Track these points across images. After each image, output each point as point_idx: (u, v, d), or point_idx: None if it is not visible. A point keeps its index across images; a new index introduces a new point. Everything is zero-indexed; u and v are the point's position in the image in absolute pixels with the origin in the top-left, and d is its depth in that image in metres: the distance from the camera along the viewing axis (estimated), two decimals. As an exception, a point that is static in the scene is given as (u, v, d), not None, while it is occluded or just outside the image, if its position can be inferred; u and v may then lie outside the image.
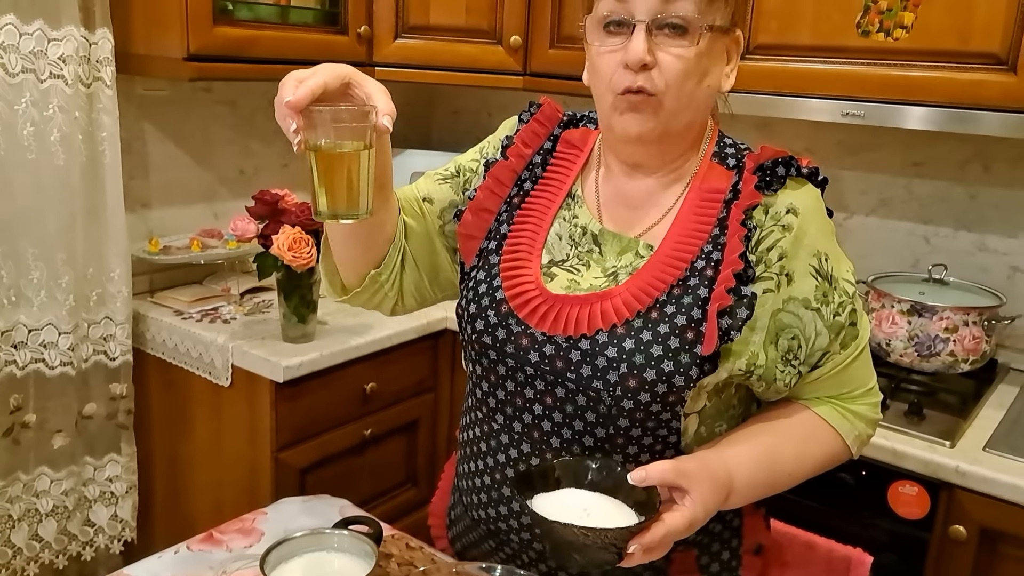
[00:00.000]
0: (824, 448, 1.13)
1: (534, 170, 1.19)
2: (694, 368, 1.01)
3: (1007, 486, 1.53)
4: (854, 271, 1.12)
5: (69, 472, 2.09)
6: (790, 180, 1.08)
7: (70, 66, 1.89)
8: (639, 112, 1.03)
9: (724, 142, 1.15)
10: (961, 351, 1.86)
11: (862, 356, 1.13)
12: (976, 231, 2.10)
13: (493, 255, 1.15)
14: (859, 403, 1.15)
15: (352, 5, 2.20)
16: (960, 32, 1.68)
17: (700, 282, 1.04)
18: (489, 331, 1.10)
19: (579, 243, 1.13)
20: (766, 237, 1.05)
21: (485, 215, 1.18)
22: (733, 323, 1.01)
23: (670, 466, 0.95)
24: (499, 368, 1.11)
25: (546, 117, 1.22)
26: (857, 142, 2.22)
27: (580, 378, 1.04)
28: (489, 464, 1.14)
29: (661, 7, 1.00)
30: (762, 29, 1.90)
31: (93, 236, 2.02)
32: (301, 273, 1.90)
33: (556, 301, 1.07)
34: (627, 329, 1.03)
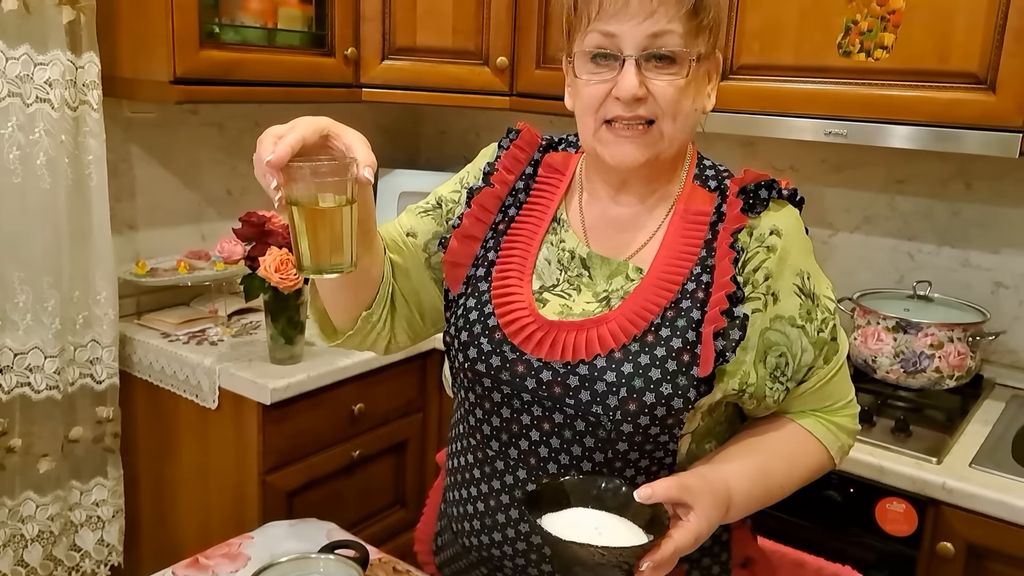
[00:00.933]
0: (811, 460, 1.16)
1: (517, 195, 1.20)
2: (692, 390, 1.02)
3: (994, 502, 1.53)
4: (833, 287, 1.15)
5: (55, 497, 2.07)
6: (772, 202, 1.10)
7: (56, 90, 1.89)
8: (635, 141, 1.05)
9: (704, 164, 1.17)
10: (946, 367, 1.87)
11: (841, 371, 1.16)
12: (959, 247, 2.12)
13: (482, 282, 1.15)
14: (840, 415, 1.17)
15: (339, 27, 2.21)
16: (939, 52, 1.70)
17: (692, 304, 1.05)
18: (483, 359, 1.10)
19: (568, 267, 1.14)
20: (752, 258, 1.07)
21: (471, 242, 1.18)
22: (727, 344, 1.03)
23: (674, 482, 0.96)
24: (494, 395, 1.10)
25: (525, 142, 1.22)
26: (840, 160, 2.24)
27: (579, 403, 1.04)
28: (483, 491, 1.14)
29: (649, 42, 1.02)
30: (745, 50, 1.92)
31: (79, 259, 2.01)
32: (288, 294, 1.90)
33: (551, 327, 1.08)
34: (624, 353, 1.04)
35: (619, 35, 1.02)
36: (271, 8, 2.10)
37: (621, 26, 1.02)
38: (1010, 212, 2.05)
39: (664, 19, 1.01)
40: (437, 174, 2.80)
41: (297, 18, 2.16)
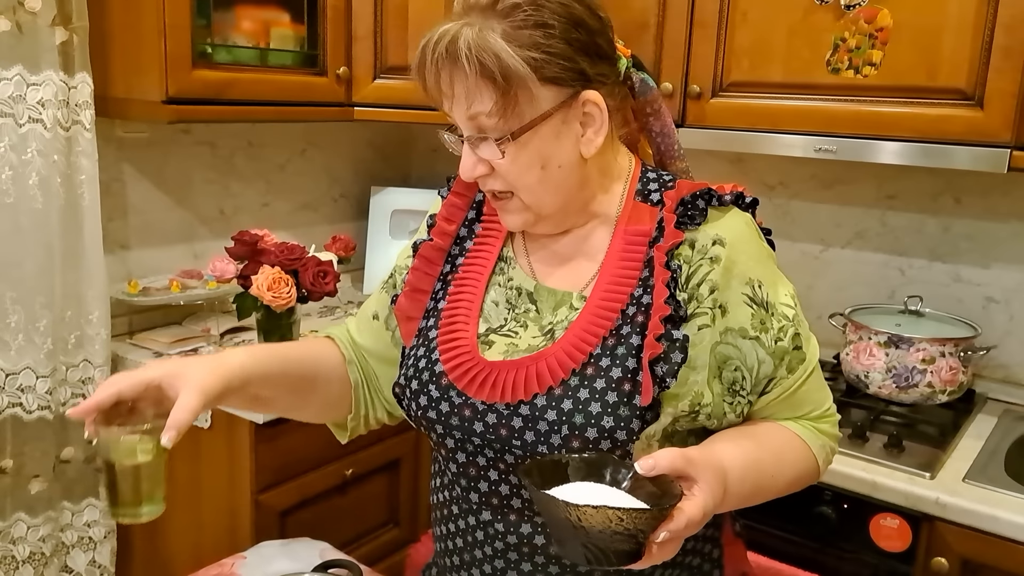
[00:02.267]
0: (798, 456, 1.12)
1: (463, 243, 1.19)
2: (635, 420, 0.99)
3: (987, 517, 1.53)
4: (795, 293, 1.11)
5: (47, 518, 2.06)
6: (714, 210, 1.06)
7: (49, 110, 1.89)
8: (507, 212, 1.08)
9: (647, 177, 1.13)
10: (939, 382, 1.88)
11: (812, 378, 1.12)
12: (950, 262, 2.13)
13: (431, 330, 1.14)
14: (821, 422, 1.15)
15: (331, 47, 2.22)
16: (927, 68, 1.72)
17: (632, 330, 1.03)
18: (432, 406, 1.09)
19: (516, 305, 1.12)
20: (695, 272, 1.04)
21: (420, 295, 1.18)
22: (668, 369, 1.00)
23: (679, 453, 0.91)
24: (447, 441, 1.10)
25: (463, 187, 1.20)
26: (831, 176, 2.25)
27: (525, 444, 1.02)
28: (460, 527, 1.13)
29: (471, 124, 1.02)
30: (734, 67, 1.93)
31: (71, 279, 2.01)
32: (281, 313, 1.90)
33: (493, 368, 1.06)
34: (564, 389, 1.02)
35: (451, 112, 1.04)
36: (263, 28, 2.11)
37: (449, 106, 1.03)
38: (1000, 227, 2.06)
39: (467, 102, 1.00)
40: (429, 192, 2.80)
41: (289, 38, 2.17)
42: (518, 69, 0.98)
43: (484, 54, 0.97)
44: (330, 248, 2.44)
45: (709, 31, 1.93)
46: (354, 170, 2.85)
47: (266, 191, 2.57)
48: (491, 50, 0.97)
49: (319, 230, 2.72)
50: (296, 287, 1.88)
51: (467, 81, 0.99)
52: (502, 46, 0.97)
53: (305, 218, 2.71)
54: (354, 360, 1.26)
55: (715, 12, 1.93)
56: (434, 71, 1.00)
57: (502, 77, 0.97)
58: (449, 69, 0.99)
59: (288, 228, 2.63)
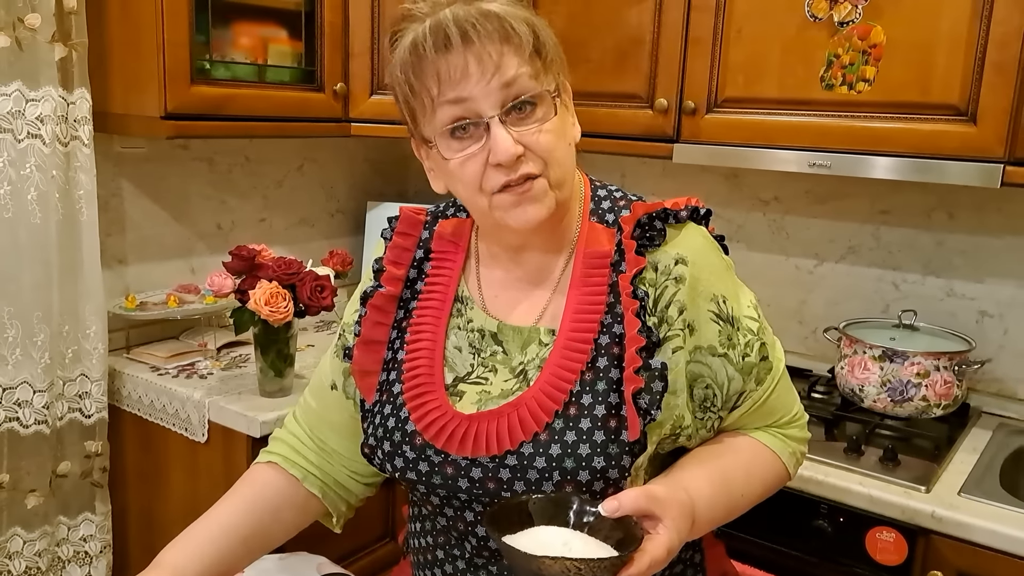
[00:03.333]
0: (767, 469, 1.13)
1: (413, 285, 1.13)
2: (625, 457, 0.98)
3: (983, 531, 1.53)
4: (755, 303, 1.11)
5: (42, 532, 2.06)
6: (671, 228, 1.05)
7: (48, 126, 1.90)
8: (532, 201, 0.99)
9: (598, 195, 1.11)
10: (933, 396, 1.88)
11: (780, 386, 1.12)
12: (944, 277, 2.14)
13: (395, 384, 1.09)
14: (789, 427, 1.16)
15: (328, 63, 2.24)
16: (920, 85, 1.73)
17: (609, 363, 1.01)
18: (411, 467, 1.04)
19: (481, 349, 1.08)
20: (662, 295, 1.02)
21: (375, 347, 1.12)
22: (651, 400, 0.99)
23: (641, 493, 0.91)
24: (432, 499, 1.06)
25: (408, 226, 1.15)
26: (825, 191, 2.26)
27: (515, 495, 0.99)
28: (448, 572, 1.11)
29: (504, 94, 0.97)
30: (729, 83, 1.95)
31: (69, 293, 2.01)
32: (278, 328, 1.90)
33: (470, 421, 1.02)
34: (550, 434, 0.98)
35: (472, 97, 0.96)
36: (261, 45, 2.13)
37: (471, 95, 0.96)
38: (993, 242, 2.07)
39: (511, 67, 0.96)
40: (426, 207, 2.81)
41: (287, 54, 2.18)
42: (549, 36, 1.01)
43: (528, 19, 0.99)
44: (327, 263, 2.44)
45: (704, 47, 1.95)
46: (351, 185, 2.86)
47: (263, 206, 2.58)
48: (530, 17, 1.00)
49: (316, 245, 2.73)
50: (294, 302, 1.88)
51: (512, 44, 0.96)
52: (531, 15, 1.00)
53: (302, 233, 2.72)
54: (308, 472, 1.21)
55: (710, 29, 1.94)
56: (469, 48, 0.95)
57: (544, 38, 1.00)
58: (495, 38, 0.96)
59: (285, 243, 2.63)
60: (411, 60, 0.98)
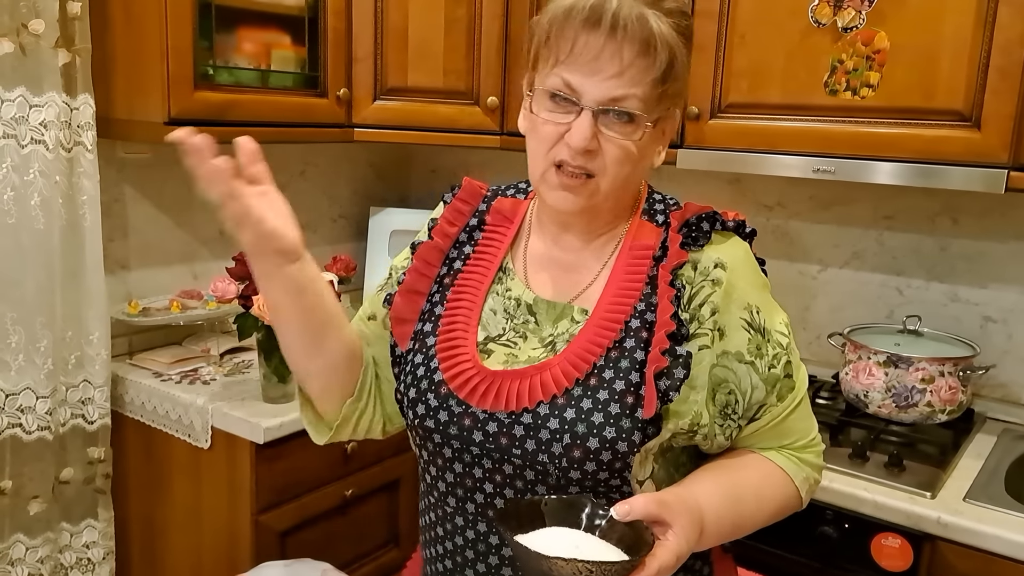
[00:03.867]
0: (778, 490, 1.12)
1: (462, 248, 1.19)
2: (636, 433, 1.00)
3: (988, 536, 1.53)
4: (788, 323, 1.12)
5: (45, 539, 2.05)
6: (716, 234, 1.09)
7: (51, 131, 1.90)
8: (573, 191, 1.04)
9: (653, 198, 1.15)
10: (938, 401, 1.88)
11: (800, 408, 1.13)
12: (948, 282, 2.14)
13: (429, 336, 1.13)
14: (805, 452, 1.15)
15: (331, 69, 2.24)
16: (924, 90, 1.73)
17: (636, 344, 1.04)
18: (431, 415, 1.08)
19: (515, 315, 1.12)
20: (697, 293, 1.05)
21: (415, 297, 1.17)
22: (671, 384, 1.01)
23: (653, 498, 0.93)
24: (445, 451, 1.09)
25: (468, 195, 1.22)
26: (828, 196, 2.26)
27: (525, 453, 1.02)
28: (449, 548, 1.12)
29: (610, 100, 1.01)
30: (733, 88, 1.95)
31: (72, 299, 2.01)
32: (281, 333, 1.90)
33: (495, 377, 1.06)
34: (567, 399, 1.02)
35: (584, 81, 1.01)
36: (264, 50, 2.13)
37: (585, 80, 1.00)
38: (997, 247, 2.07)
39: (629, 82, 1.00)
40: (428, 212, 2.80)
41: (290, 60, 2.18)
42: (683, 71, 1.04)
43: (674, 46, 1.01)
44: (330, 268, 2.44)
45: (708, 53, 1.95)
46: (353, 191, 2.86)
47: (266, 211, 2.57)
48: (676, 45, 1.01)
49: (318, 251, 2.72)
50: (297, 307, 1.88)
51: (646, 61, 1.00)
52: (679, 43, 1.02)
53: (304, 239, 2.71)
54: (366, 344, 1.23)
55: (713, 34, 1.95)
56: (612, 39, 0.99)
57: (676, 71, 1.02)
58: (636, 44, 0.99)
59: (288, 248, 2.63)
60: (560, 17, 1.02)
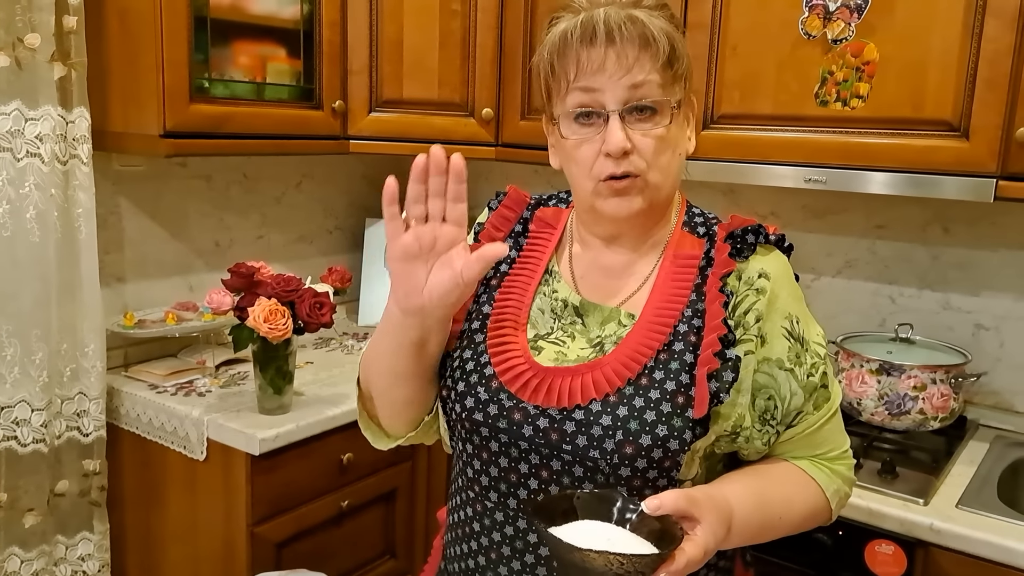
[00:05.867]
0: (808, 498, 1.14)
1: (508, 252, 1.22)
2: (687, 432, 1.03)
3: (981, 543, 1.54)
4: (824, 336, 1.16)
5: (40, 552, 2.05)
6: (760, 247, 1.13)
7: (47, 144, 1.91)
8: (626, 195, 1.08)
9: (692, 211, 1.20)
10: (930, 409, 1.89)
11: (834, 419, 1.16)
12: (940, 290, 2.15)
13: (477, 334, 1.16)
14: (837, 463, 1.17)
15: (327, 81, 2.25)
16: (913, 101, 1.74)
17: (685, 347, 1.07)
18: (480, 408, 1.10)
19: (562, 316, 1.16)
20: (742, 302, 1.09)
21: None
22: (721, 386, 1.04)
23: (682, 494, 0.95)
24: (491, 445, 1.10)
25: (513, 202, 1.26)
26: (821, 206, 2.28)
27: (576, 448, 1.04)
28: (483, 544, 1.13)
29: (629, 94, 1.06)
30: (725, 99, 1.96)
31: (67, 311, 2.01)
32: (277, 344, 1.91)
33: (547, 373, 1.09)
34: (619, 397, 1.05)
35: (600, 89, 1.06)
36: (260, 63, 2.14)
37: (603, 83, 1.06)
38: (988, 255, 2.09)
39: (642, 72, 1.05)
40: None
41: (285, 72, 2.20)
42: (685, 54, 1.09)
43: (670, 33, 1.07)
44: (326, 280, 2.45)
45: (700, 64, 1.96)
46: (349, 202, 2.87)
47: (261, 224, 2.59)
48: (672, 32, 1.07)
49: (314, 262, 2.73)
50: (293, 319, 1.89)
51: (649, 52, 1.05)
52: (673, 30, 1.08)
53: (300, 250, 2.73)
54: None
55: (705, 45, 1.96)
56: (611, 45, 1.05)
57: (680, 54, 1.07)
58: (636, 42, 1.05)
59: (283, 260, 2.64)
60: (558, 44, 1.08)
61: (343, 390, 2.15)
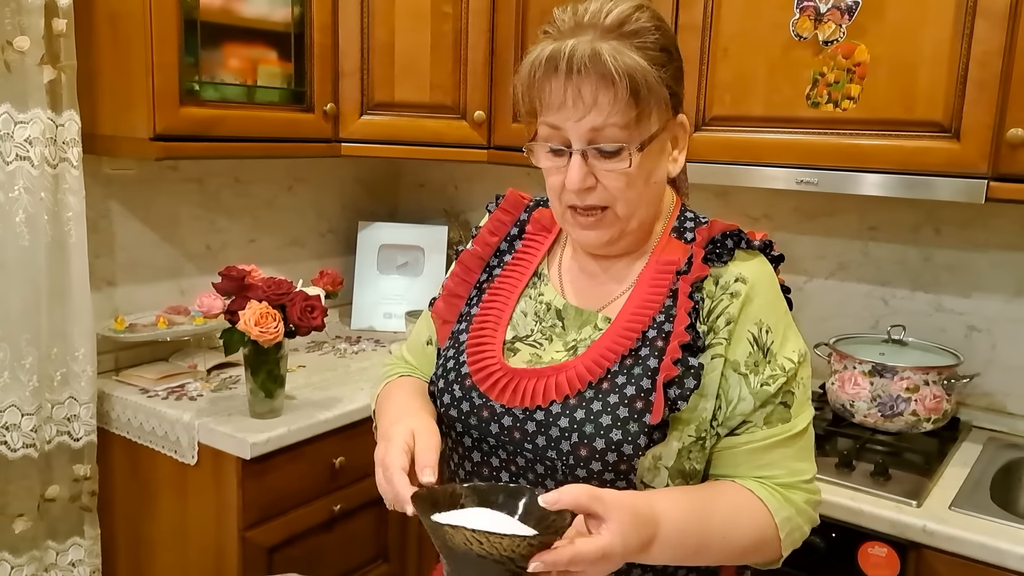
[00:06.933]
0: (754, 519, 1.07)
1: (503, 256, 1.26)
2: (642, 437, 1.03)
3: (974, 545, 1.53)
4: (804, 355, 1.11)
5: (31, 557, 2.04)
6: (741, 252, 1.12)
7: (36, 148, 1.90)
8: (595, 228, 1.11)
9: (685, 216, 1.19)
10: (923, 410, 1.89)
11: (792, 445, 1.09)
12: (932, 292, 2.15)
13: (463, 334, 1.20)
14: (792, 491, 1.10)
15: (318, 84, 2.25)
16: (904, 102, 1.74)
17: (651, 353, 1.07)
18: (455, 404, 1.15)
19: (543, 319, 1.18)
20: (716, 307, 1.08)
21: (456, 300, 1.24)
22: (681, 393, 1.04)
23: (585, 490, 0.90)
24: (465, 440, 1.15)
25: (510, 205, 1.28)
26: (813, 208, 2.28)
27: (536, 448, 1.07)
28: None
29: (591, 135, 1.05)
30: (716, 101, 1.96)
31: (58, 315, 2.00)
32: (268, 348, 1.90)
33: (516, 375, 1.12)
34: (579, 400, 1.06)
35: (564, 128, 1.06)
36: (251, 66, 2.13)
37: (565, 122, 1.06)
38: (979, 257, 2.09)
39: (602, 114, 1.04)
40: (416, 226, 2.82)
41: (276, 75, 2.19)
42: (657, 88, 1.05)
43: (634, 71, 1.03)
44: (318, 283, 2.44)
45: (691, 66, 1.96)
46: (341, 205, 2.86)
47: (253, 227, 2.58)
48: (639, 67, 1.03)
49: (307, 266, 2.72)
50: (284, 322, 1.88)
51: (610, 93, 1.03)
52: (644, 65, 1.04)
53: (292, 254, 2.72)
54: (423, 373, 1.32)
55: (697, 48, 1.96)
56: (570, 82, 1.04)
57: (645, 92, 1.04)
58: (594, 81, 1.03)
59: (276, 264, 2.63)
60: (526, 76, 1.08)
61: (335, 394, 2.14)
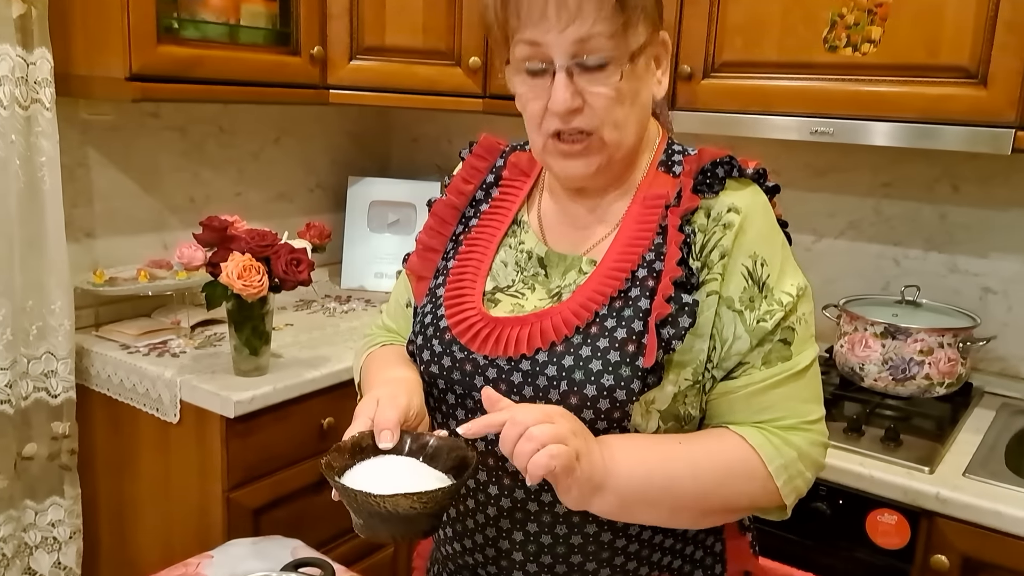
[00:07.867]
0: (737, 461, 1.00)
1: (479, 206, 1.18)
2: (636, 381, 0.97)
3: (989, 512, 1.48)
4: (804, 289, 1.05)
5: (8, 517, 1.98)
6: (733, 181, 1.05)
7: (6, 87, 1.81)
8: (581, 156, 1.03)
9: (672, 149, 1.12)
10: (937, 374, 1.82)
11: (793, 384, 1.02)
12: (947, 252, 2.08)
13: (440, 288, 1.14)
14: (793, 433, 1.02)
15: (304, 25, 2.15)
16: (928, 45, 1.67)
17: (641, 293, 1.01)
18: (435, 360, 1.09)
19: (525, 268, 1.12)
20: (709, 240, 1.01)
21: (431, 255, 1.18)
22: (675, 332, 0.98)
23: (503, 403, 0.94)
24: (448, 397, 1.09)
25: (485, 150, 1.21)
26: (824, 163, 2.19)
27: (524, 400, 1.01)
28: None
29: (576, 48, 0.97)
30: (727, 46, 1.88)
31: (32, 267, 1.93)
32: (252, 303, 1.82)
33: (497, 323, 1.05)
34: (566, 346, 1.00)
35: (545, 44, 0.98)
36: (233, 4, 2.03)
37: (545, 35, 0.97)
38: (998, 215, 2.01)
39: (587, 23, 0.96)
40: (409, 182, 2.73)
41: (261, 14, 2.09)
42: None
43: None
44: (304, 235, 2.36)
45: (701, 7, 1.88)
46: (331, 159, 2.78)
47: (239, 180, 2.49)
48: None
49: (294, 221, 2.64)
50: (268, 275, 1.80)
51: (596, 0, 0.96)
52: None
53: (280, 209, 2.64)
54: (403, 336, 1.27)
55: (707, -12, 1.87)
56: None
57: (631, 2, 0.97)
58: None
59: (262, 219, 2.55)
60: None
61: (324, 352, 2.08)
